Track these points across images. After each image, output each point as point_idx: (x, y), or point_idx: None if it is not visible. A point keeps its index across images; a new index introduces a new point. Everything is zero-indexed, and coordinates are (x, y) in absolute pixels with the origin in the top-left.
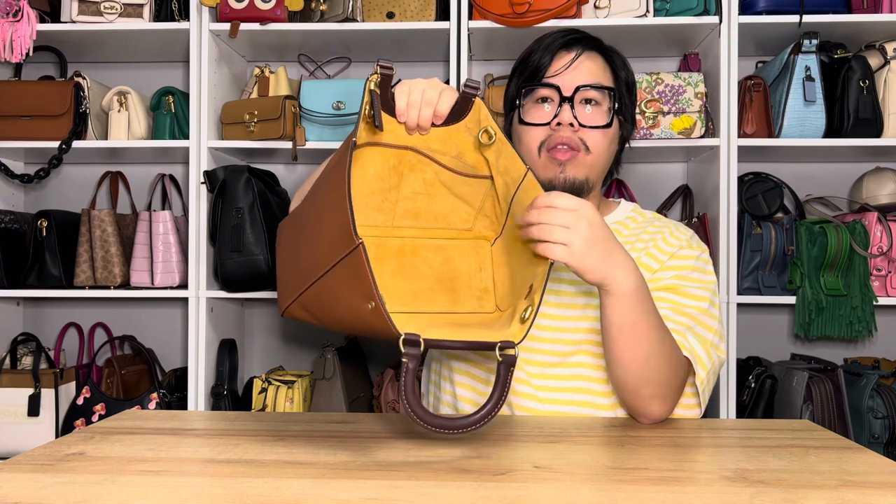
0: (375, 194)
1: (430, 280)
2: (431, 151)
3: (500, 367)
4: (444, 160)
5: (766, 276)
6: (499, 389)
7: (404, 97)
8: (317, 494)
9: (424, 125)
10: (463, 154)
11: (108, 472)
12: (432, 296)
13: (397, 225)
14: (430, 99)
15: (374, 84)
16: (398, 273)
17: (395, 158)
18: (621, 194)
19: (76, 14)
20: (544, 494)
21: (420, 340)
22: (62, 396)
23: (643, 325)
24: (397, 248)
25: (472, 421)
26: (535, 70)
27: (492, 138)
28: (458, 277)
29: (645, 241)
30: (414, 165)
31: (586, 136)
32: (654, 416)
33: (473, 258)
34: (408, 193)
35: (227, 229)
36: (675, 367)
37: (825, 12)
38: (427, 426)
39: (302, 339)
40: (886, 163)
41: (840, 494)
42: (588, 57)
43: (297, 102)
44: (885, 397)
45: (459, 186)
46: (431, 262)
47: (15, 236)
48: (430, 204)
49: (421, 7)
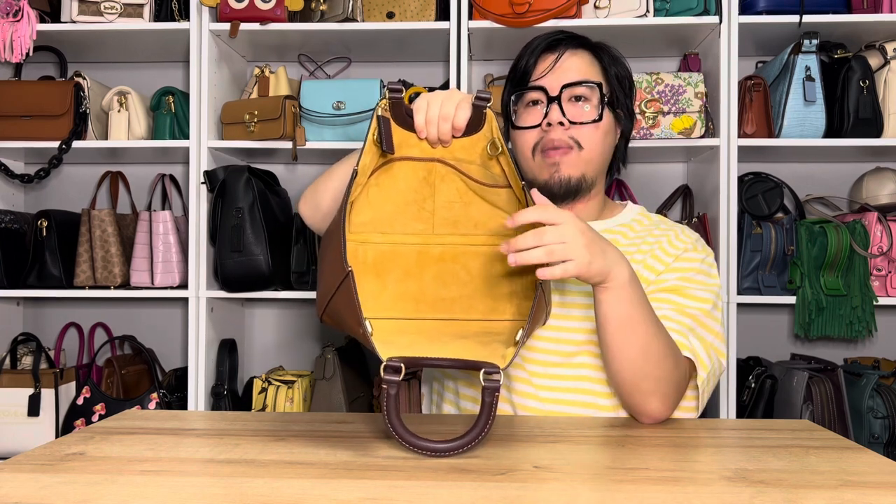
0: (410, 205)
1: (470, 287)
2: (458, 161)
3: (484, 392)
4: (470, 170)
5: (766, 276)
6: (484, 416)
7: (422, 114)
8: (317, 494)
9: (445, 139)
10: (487, 163)
11: (108, 472)
12: (471, 303)
13: (438, 233)
14: (446, 114)
15: (381, 110)
16: (437, 279)
17: (425, 170)
18: (621, 194)
19: (76, 14)
20: (544, 494)
21: (401, 366)
22: (62, 396)
23: (638, 317)
24: (438, 255)
25: (456, 445)
26: (523, 75)
27: (498, 149)
28: (498, 283)
29: (651, 244)
30: (444, 176)
31: (577, 133)
32: (654, 414)
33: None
34: (443, 203)
35: (227, 229)
36: (673, 363)
37: (825, 12)
38: (412, 448)
39: (302, 339)
40: (886, 163)
41: (840, 494)
42: (573, 55)
43: (297, 102)
44: (885, 397)
45: (489, 195)
46: (471, 269)
47: (15, 236)
48: (467, 211)
49: (421, 7)
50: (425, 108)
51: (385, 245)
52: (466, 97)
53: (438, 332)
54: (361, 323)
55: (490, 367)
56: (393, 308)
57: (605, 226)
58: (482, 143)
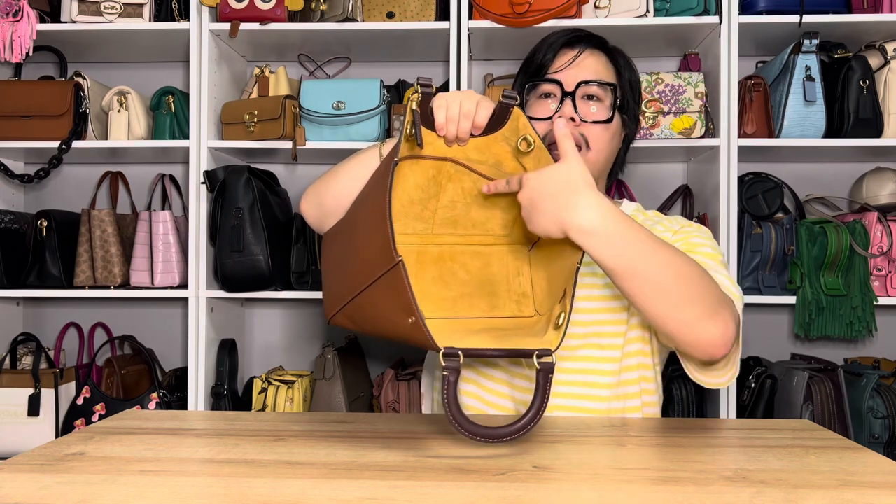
0: (415, 204)
1: (469, 286)
2: (469, 161)
3: (538, 375)
4: (481, 169)
5: (767, 276)
6: (539, 397)
7: (443, 112)
8: (317, 494)
9: (464, 137)
10: (501, 163)
11: (108, 472)
12: (471, 301)
13: (436, 233)
14: (468, 112)
15: (415, 103)
16: (438, 279)
17: (434, 169)
18: (621, 194)
19: (76, 14)
20: (544, 494)
21: (459, 353)
22: (62, 396)
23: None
24: (437, 255)
25: (514, 430)
26: (539, 67)
27: (531, 146)
28: (496, 282)
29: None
30: (452, 176)
31: (587, 131)
32: (717, 339)
33: (512, 263)
34: (446, 202)
35: (227, 229)
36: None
37: (825, 12)
38: (470, 435)
39: (302, 339)
40: (886, 163)
41: (840, 494)
42: (591, 54)
43: (297, 102)
44: (885, 397)
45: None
46: (470, 268)
47: (15, 236)
48: (468, 212)
49: (421, 7)
50: (446, 106)
51: None
52: (485, 98)
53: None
54: (414, 311)
55: (542, 352)
56: None
57: None
58: (498, 143)
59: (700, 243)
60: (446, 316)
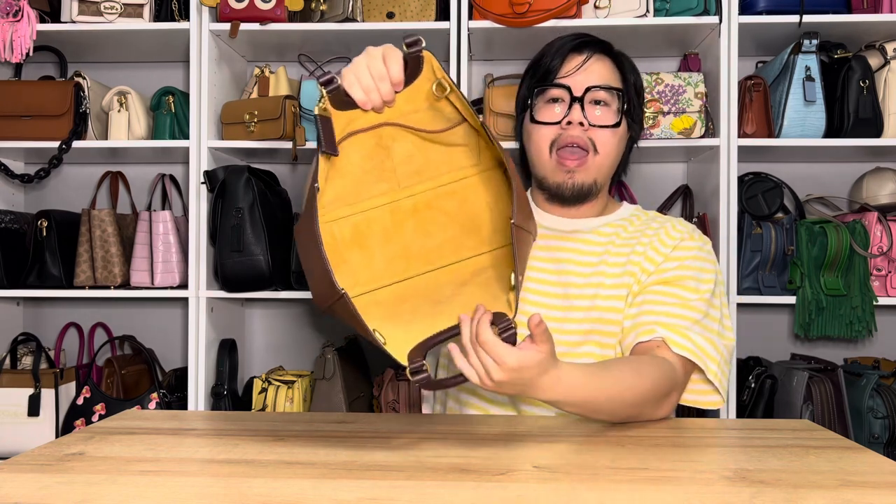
0: (368, 172)
1: (451, 228)
2: (404, 116)
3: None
4: (418, 119)
5: (766, 276)
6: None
7: (356, 86)
8: (317, 494)
9: (389, 99)
10: (435, 105)
11: (108, 472)
12: (459, 242)
13: (404, 185)
14: (381, 74)
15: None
16: (419, 229)
17: (375, 137)
18: (621, 194)
19: (76, 14)
20: (544, 494)
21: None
22: (62, 396)
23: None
24: (411, 207)
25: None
26: (547, 72)
27: (445, 90)
28: (478, 215)
29: (650, 236)
30: (395, 136)
31: (595, 135)
32: (662, 416)
33: (486, 192)
34: (402, 158)
35: (227, 229)
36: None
37: (825, 12)
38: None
39: (302, 339)
40: (886, 163)
41: (840, 494)
42: (598, 59)
43: (298, 102)
44: (885, 397)
45: (445, 137)
46: (447, 210)
47: (15, 236)
48: (427, 158)
49: (421, 7)
50: (356, 79)
51: (357, 216)
52: (386, 48)
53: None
54: (371, 336)
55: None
56: (385, 273)
57: (607, 220)
58: (425, 86)
59: (688, 276)
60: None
